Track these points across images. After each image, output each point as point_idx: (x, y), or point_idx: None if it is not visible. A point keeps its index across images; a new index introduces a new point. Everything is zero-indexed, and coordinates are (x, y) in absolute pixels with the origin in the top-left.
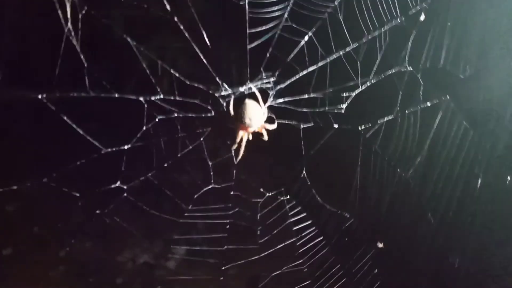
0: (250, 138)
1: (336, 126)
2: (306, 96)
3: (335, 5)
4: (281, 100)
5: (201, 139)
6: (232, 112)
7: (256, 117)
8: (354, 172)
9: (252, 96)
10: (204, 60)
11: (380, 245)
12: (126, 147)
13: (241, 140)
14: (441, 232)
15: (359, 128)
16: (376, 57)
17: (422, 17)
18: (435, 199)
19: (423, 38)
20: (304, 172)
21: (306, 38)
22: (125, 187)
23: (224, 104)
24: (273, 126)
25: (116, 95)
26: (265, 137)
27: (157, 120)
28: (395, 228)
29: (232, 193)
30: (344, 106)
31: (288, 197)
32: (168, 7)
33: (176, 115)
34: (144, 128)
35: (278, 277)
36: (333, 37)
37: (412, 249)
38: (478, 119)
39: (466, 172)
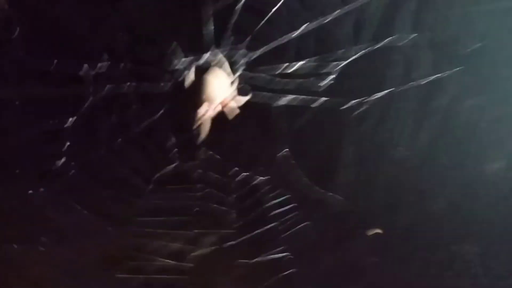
0: (213, 112)
1: (316, 103)
2: (285, 65)
3: None
4: (249, 70)
5: (160, 112)
6: (190, 82)
7: (220, 88)
8: (346, 153)
9: (216, 64)
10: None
11: (377, 230)
12: (71, 119)
13: (204, 115)
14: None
15: (349, 103)
16: (374, 23)
17: None
18: (443, 184)
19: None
20: (287, 150)
21: None
22: (72, 163)
23: (184, 73)
24: (244, 99)
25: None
26: (235, 111)
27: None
28: (394, 213)
29: (201, 172)
30: (331, 78)
31: (268, 177)
32: None
33: (128, 85)
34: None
35: (258, 265)
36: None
37: (414, 237)
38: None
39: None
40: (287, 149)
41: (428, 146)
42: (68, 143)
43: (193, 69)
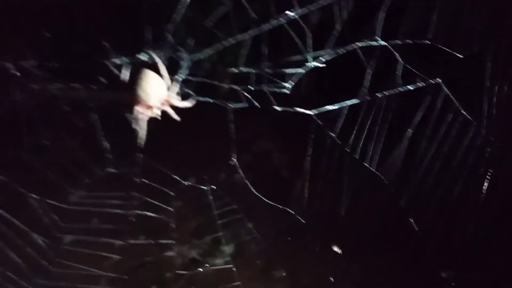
0: (150, 115)
1: (278, 108)
2: (235, 70)
3: None
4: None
5: (94, 115)
6: (125, 82)
7: (154, 90)
8: (303, 163)
9: (153, 65)
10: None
11: (336, 249)
12: None
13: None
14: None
15: (312, 113)
16: (334, 26)
17: None
18: (420, 202)
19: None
20: (235, 159)
21: None
22: None
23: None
24: (185, 104)
25: None
26: (175, 116)
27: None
28: (360, 232)
29: (137, 180)
30: (288, 85)
31: (213, 187)
32: None
33: (56, 85)
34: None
35: (198, 276)
36: None
37: (383, 256)
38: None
39: (467, 172)
40: (235, 158)
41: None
42: None
43: (127, 69)
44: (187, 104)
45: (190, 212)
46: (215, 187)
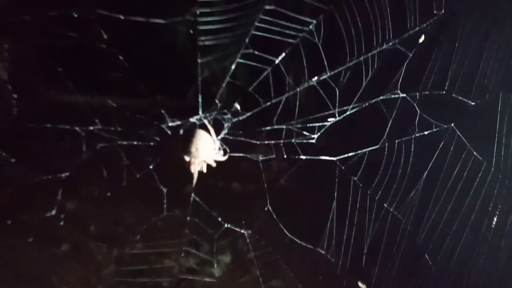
0: (204, 170)
1: (303, 157)
2: (268, 128)
3: (310, 28)
4: (237, 133)
5: (151, 167)
6: (180, 142)
7: (204, 148)
8: (329, 207)
9: (204, 127)
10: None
11: (361, 285)
12: (63, 175)
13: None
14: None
15: (335, 159)
16: (361, 84)
17: (421, 39)
18: (434, 240)
19: (422, 61)
20: (268, 205)
21: (273, 65)
22: (62, 216)
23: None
24: (222, 158)
25: (49, 125)
26: (213, 164)
27: (98, 148)
28: (382, 269)
29: (188, 219)
30: (315, 136)
31: (250, 231)
32: (105, 36)
33: (119, 143)
34: (83, 156)
35: None
36: (307, 64)
37: None
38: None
39: (478, 210)
40: (269, 206)
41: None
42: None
43: (181, 130)
44: (223, 158)
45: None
46: (251, 232)
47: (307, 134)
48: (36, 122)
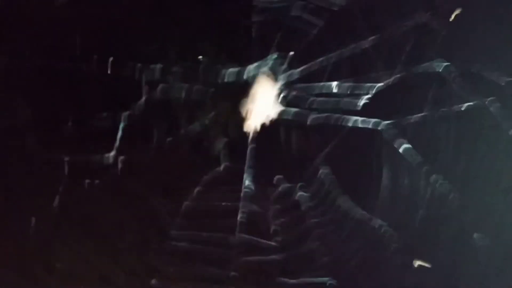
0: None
1: (351, 122)
2: (321, 84)
3: None
4: (289, 87)
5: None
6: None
7: (263, 101)
8: (379, 178)
9: (262, 77)
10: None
11: (419, 262)
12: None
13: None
14: (492, 258)
15: (381, 127)
16: (408, 48)
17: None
18: (482, 217)
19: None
20: (321, 171)
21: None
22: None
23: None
24: (280, 114)
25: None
26: (270, 118)
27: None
28: (432, 246)
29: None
30: (364, 99)
31: (309, 194)
32: None
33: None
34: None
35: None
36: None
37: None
38: None
39: None
40: (327, 166)
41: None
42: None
43: (238, 80)
44: (281, 113)
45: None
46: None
47: (356, 98)
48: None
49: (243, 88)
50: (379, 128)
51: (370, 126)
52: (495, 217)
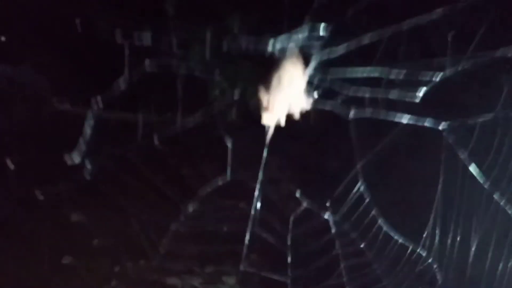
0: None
1: (405, 120)
2: (365, 69)
3: None
4: (325, 70)
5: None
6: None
7: (292, 89)
8: (433, 193)
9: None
10: None
11: None
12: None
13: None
14: None
15: (440, 127)
16: (476, 34)
17: None
18: None
19: None
20: (359, 184)
21: None
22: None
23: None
24: (308, 106)
25: None
26: (297, 115)
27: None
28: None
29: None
30: (420, 93)
31: (337, 217)
32: None
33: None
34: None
35: None
36: None
37: None
38: None
39: None
40: (362, 183)
41: None
42: None
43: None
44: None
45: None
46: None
47: (412, 89)
48: None
49: (265, 65)
50: (440, 128)
51: (428, 125)
52: None
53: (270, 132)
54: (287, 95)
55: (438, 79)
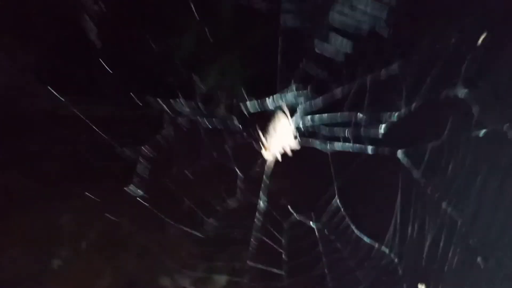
0: (279, 157)
1: (370, 150)
2: (338, 114)
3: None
4: (308, 117)
5: (228, 147)
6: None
7: (282, 133)
8: (393, 204)
9: (281, 110)
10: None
11: (421, 286)
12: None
13: (268, 155)
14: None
15: (398, 155)
16: (427, 77)
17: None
18: (487, 243)
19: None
20: (336, 198)
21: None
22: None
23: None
24: (297, 147)
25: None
26: (289, 153)
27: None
28: (438, 271)
29: (260, 207)
30: (381, 130)
31: (319, 225)
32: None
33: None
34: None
35: None
36: (377, 52)
37: None
38: None
39: None
40: (338, 198)
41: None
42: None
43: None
44: (296, 146)
45: (300, 245)
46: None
47: (375, 127)
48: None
49: (264, 118)
50: (397, 155)
51: (387, 153)
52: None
53: (271, 164)
54: (281, 138)
55: (395, 118)
